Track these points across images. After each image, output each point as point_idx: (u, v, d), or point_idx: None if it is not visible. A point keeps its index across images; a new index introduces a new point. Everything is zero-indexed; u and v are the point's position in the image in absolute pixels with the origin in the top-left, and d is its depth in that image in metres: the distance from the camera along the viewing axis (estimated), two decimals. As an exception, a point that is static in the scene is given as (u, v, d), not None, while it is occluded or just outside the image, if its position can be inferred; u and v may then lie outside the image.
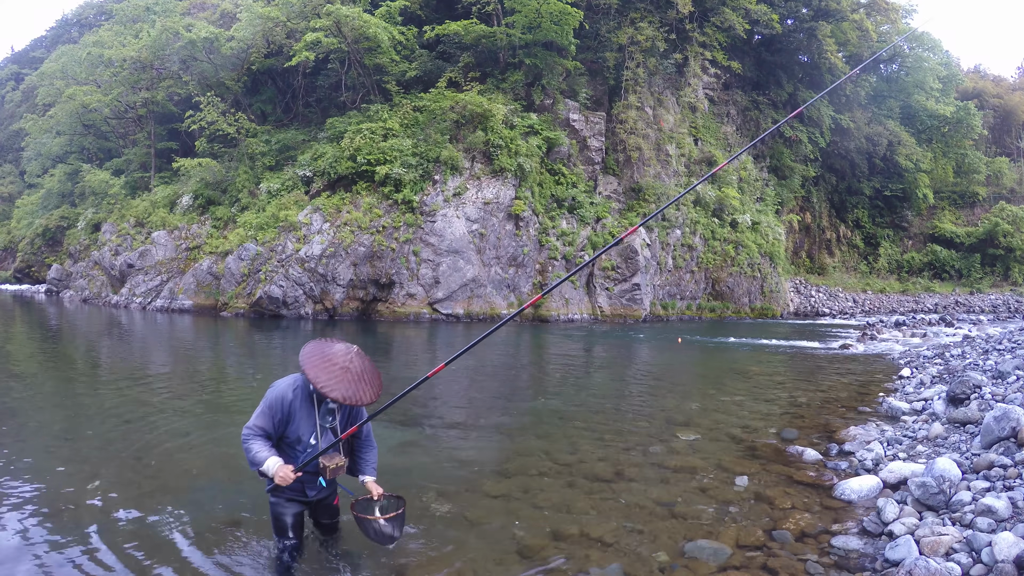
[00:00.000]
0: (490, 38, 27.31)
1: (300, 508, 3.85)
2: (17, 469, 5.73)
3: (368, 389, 3.60)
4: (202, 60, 30.30)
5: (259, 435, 3.65)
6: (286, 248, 23.75)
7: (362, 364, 3.66)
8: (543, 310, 25.63)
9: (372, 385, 3.64)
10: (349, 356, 3.64)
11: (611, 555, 4.23)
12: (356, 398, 3.51)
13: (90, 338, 17.41)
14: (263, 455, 3.56)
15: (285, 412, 3.66)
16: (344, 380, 3.53)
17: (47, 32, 67.35)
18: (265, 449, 3.60)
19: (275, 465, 3.54)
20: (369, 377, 3.65)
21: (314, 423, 3.70)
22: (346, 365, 3.59)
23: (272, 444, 3.67)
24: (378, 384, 3.68)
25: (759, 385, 11.25)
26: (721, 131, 36.00)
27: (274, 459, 3.57)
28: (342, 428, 3.79)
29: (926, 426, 7.04)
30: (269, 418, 3.66)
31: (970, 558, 3.74)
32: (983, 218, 47.07)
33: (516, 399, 10.24)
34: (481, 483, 5.65)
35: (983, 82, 56.88)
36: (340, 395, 3.46)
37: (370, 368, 3.70)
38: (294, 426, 3.68)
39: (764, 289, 33.03)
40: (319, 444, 3.70)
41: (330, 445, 3.68)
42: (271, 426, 3.66)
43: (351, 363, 3.61)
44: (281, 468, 3.53)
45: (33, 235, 39.38)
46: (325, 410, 3.73)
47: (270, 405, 3.67)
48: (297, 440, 3.70)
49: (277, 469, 3.53)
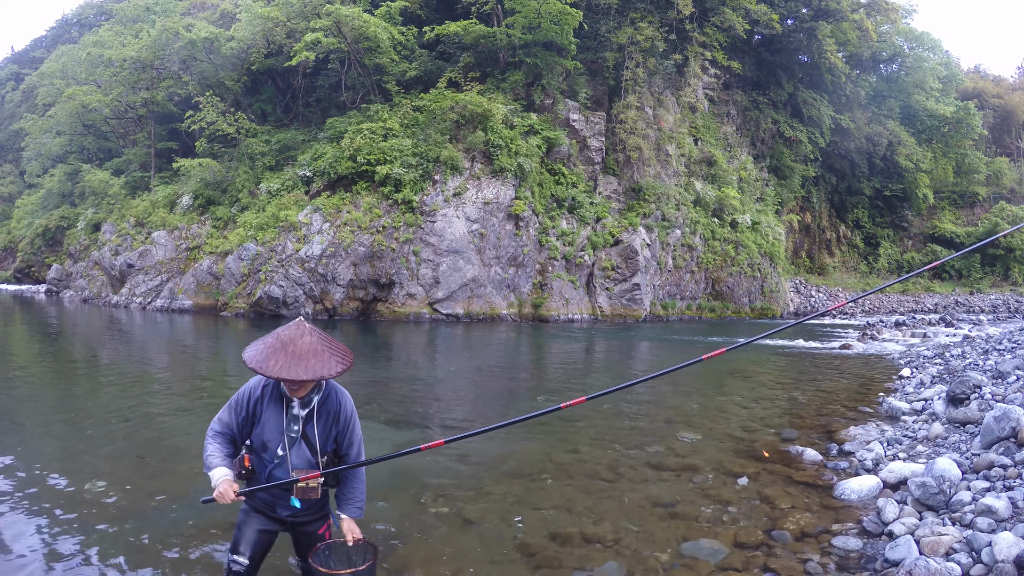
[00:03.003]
0: (490, 38, 27.31)
1: (270, 527, 3.20)
2: (17, 469, 5.73)
3: (313, 364, 2.92)
4: (202, 60, 30.31)
5: (220, 433, 3.13)
6: (286, 248, 23.76)
7: (312, 341, 3.01)
8: (543, 310, 25.64)
9: (320, 361, 2.94)
10: (294, 333, 3.03)
11: (611, 555, 4.23)
12: (288, 372, 2.86)
13: (90, 338, 17.41)
14: (213, 461, 3.02)
15: (250, 411, 3.12)
16: (279, 353, 2.93)
17: (47, 32, 67.44)
18: (218, 454, 3.06)
19: (218, 478, 2.96)
20: (318, 353, 2.98)
21: (281, 429, 3.09)
22: (288, 341, 2.98)
23: (234, 448, 3.15)
24: (332, 363, 2.98)
25: (759, 385, 11.25)
26: (721, 131, 36.00)
27: (221, 470, 2.98)
28: (325, 441, 3.15)
29: (926, 426, 7.04)
30: (233, 415, 3.14)
31: (970, 558, 3.74)
32: (983, 218, 47.08)
33: (516, 399, 10.24)
34: (481, 483, 5.65)
35: (983, 82, 56.90)
36: (268, 369, 2.87)
37: (323, 346, 3.03)
38: (260, 429, 3.11)
39: (764, 289, 33.03)
40: (289, 456, 3.08)
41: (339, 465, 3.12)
42: (235, 425, 3.14)
43: (298, 339, 2.99)
44: (224, 483, 2.93)
45: (33, 235, 39.40)
46: (291, 415, 3.10)
47: (236, 400, 3.16)
48: (263, 447, 3.12)
49: (219, 483, 2.93)
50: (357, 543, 3.17)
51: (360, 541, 3.17)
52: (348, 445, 3.24)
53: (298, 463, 3.08)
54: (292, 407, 3.11)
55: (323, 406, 3.14)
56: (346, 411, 3.21)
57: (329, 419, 3.15)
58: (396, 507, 5.04)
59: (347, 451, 3.24)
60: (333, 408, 3.16)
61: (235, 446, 3.14)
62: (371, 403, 9.14)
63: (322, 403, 3.15)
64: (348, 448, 3.24)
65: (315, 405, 3.13)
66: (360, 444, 3.30)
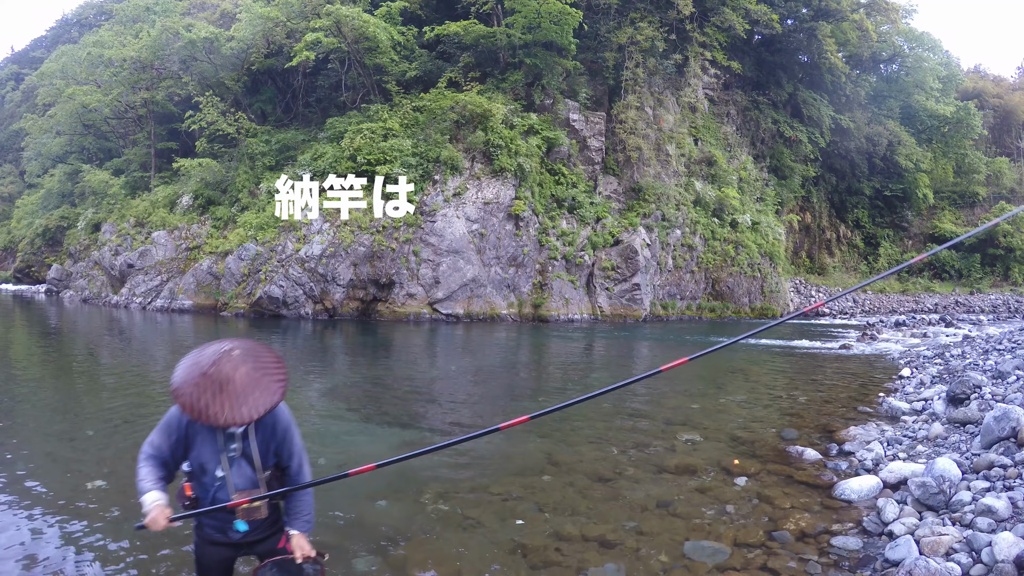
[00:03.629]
0: (490, 38, 27.31)
1: (227, 553, 3.04)
2: (17, 469, 5.73)
3: (258, 398, 2.68)
4: (202, 60, 30.31)
5: (151, 456, 2.88)
6: (286, 248, 23.76)
7: (248, 371, 2.72)
8: (543, 310, 25.64)
9: (264, 391, 2.71)
10: (226, 368, 2.70)
11: (611, 555, 4.23)
12: (237, 416, 2.63)
13: (90, 338, 17.41)
14: (145, 485, 2.78)
15: (182, 432, 2.86)
16: (219, 395, 2.66)
17: (47, 32, 67.43)
18: (150, 478, 2.81)
19: (150, 503, 2.72)
20: (259, 382, 2.73)
21: (218, 449, 2.86)
22: (225, 379, 2.67)
23: (167, 472, 2.91)
24: (275, 387, 2.75)
25: (759, 385, 11.25)
26: (721, 131, 36.00)
27: (153, 495, 2.75)
28: (265, 456, 2.92)
29: (926, 426, 7.04)
30: (165, 438, 2.88)
31: (970, 558, 3.74)
32: (983, 218, 47.08)
33: (516, 399, 10.24)
34: (481, 483, 5.65)
35: (983, 82, 56.88)
36: (214, 418, 2.63)
37: (260, 371, 2.76)
38: (196, 452, 2.87)
39: (764, 289, 33.03)
40: (229, 476, 2.88)
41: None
42: (166, 448, 2.88)
43: (233, 373, 2.69)
44: (155, 509, 2.71)
45: (33, 235, 39.41)
46: (226, 433, 2.87)
47: (167, 422, 2.89)
48: (202, 470, 2.89)
49: (151, 509, 2.71)
50: (307, 560, 2.93)
51: (310, 558, 2.94)
52: (288, 456, 3.02)
53: (240, 483, 2.88)
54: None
55: (259, 421, 2.88)
56: (282, 422, 2.97)
57: (266, 432, 2.92)
58: (396, 507, 5.04)
59: (288, 463, 3.03)
60: (269, 420, 2.92)
61: (168, 469, 2.91)
62: (371, 403, 9.14)
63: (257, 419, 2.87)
64: (289, 460, 3.02)
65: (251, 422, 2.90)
66: (301, 454, 3.06)
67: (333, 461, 6.26)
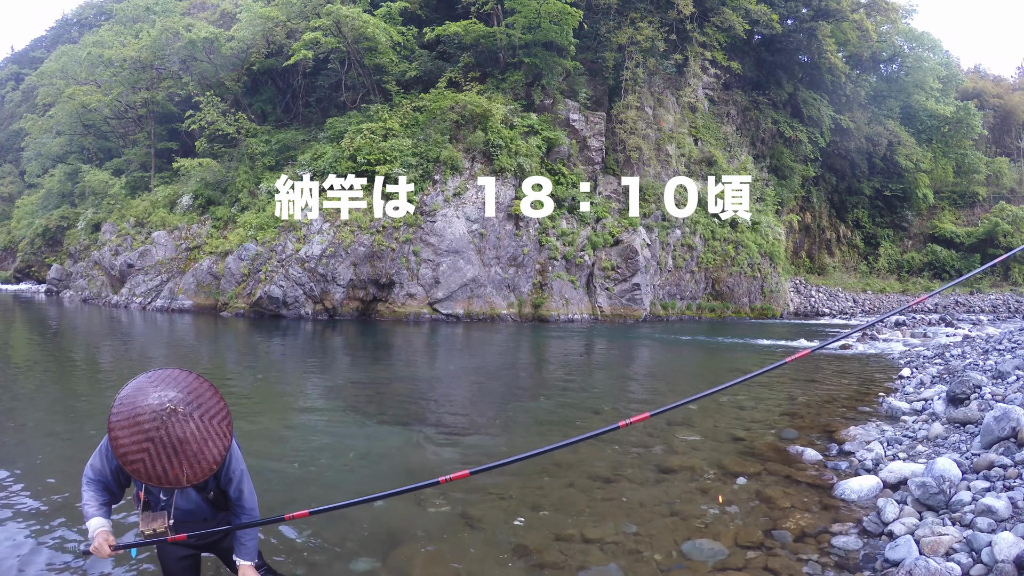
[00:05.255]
0: (490, 38, 27.31)
1: (186, 552, 3.03)
2: (17, 469, 5.73)
3: (211, 449, 2.56)
4: (202, 60, 30.31)
5: (93, 481, 2.81)
6: (286, 248, 23.76)
7: (198, 424, 2.57)
8: (543, 310, 25.64)
9: (215, 439, 2.59)
10: (173, 426, 2.52)
11: (611, 555, 4.23)
12: (198, 474, 2.53)
13: (90, 338, 17.41)
14: (88, 511, 2.74)
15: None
16: (174, 456, 2.51)
17: (47, 32, 67.48)
18: (93, 503, 2.76)
19: (93, 530, 2.68)
20: (209, 432, 2.58)
21: None
22: (178, 440, 2.52)
23: (110, 495, 2.86)
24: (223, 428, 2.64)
25: (759, 385, 11.24)
26: (721, 131, 36.00)
27: (96, 520, 2.71)
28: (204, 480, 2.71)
29: (926, 426, 7.03)
30: (106, 462, 2.79)
31: (970, 558, 3.74)
32: (983, 218, 47.07)
33: (516, 399, 10.23)
34: (481, 483, 5.64)
35: (983, 82, 56.87)
36: (177, 481, 2.52)
37: (206, 420, 2.61)
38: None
39: (764, 289, 33.03)
40: (172, 499, 2.81)
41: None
42: (108, 472, 2.79)
43: (181, 431, 2.53)
44: (99, 536, 2.66)
45: (33, 235, 39.42)
46: None
47: (106, 450, 2.78)
48: (147, 491, 2.82)
49: (95, 536, 2.67)
50: None
51: None
52: (227, 481, 2.87)
53: (183, 503, 2.84)
54: None
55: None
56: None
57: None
58: (396, 507, 5.04)
59: (226, 487, 2.89)
60: None
61: (111, 493, 2.86)
62: (371, 403, 9.14)
63: None
64: (227, 485, 2.88)
65: None
66: (242, 477, 2.93)
67: (334, 461, 6.26)
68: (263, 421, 7.71)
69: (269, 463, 5.86)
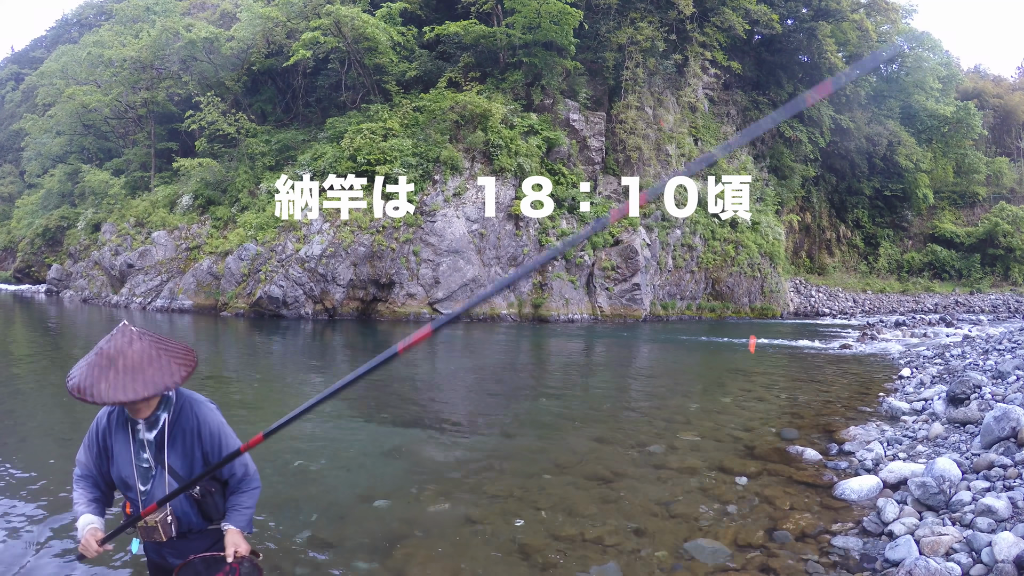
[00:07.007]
0: (490, 38, 27.30)
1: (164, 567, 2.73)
2: (17, 469, 5.73)
3: (151, 375, 2.31)
4: (202, 60, 30.31)
5: (82, 476, 2.62)
6: (286, 248, 23.76)
7: (144, 347, 2.36)
8: (543, 310, 25.64)
9: (157, 369, 2.34)
10: (120, 343, 2.36)
11: (611, 555, 4.23)
12: (124, 393, 2.26)
13: (90, 338, 17.40)
14: (78, 509, 2.54)
15: (100, 445, 2.57)
16: (107, 371, 2.30)
17: (47, 32, 67.43)
18: (82, 500, 2.56)
19: (82, 528, 2.48)
20: (154, 360, 2.35)
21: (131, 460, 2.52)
22: (115, 354, 2.33)
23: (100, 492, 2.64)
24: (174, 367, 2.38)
25: (759, 385, 11.24)
26: (721, 131, 35.98)
27: (86, 518, 2.50)
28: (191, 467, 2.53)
29: (926, 426, 7.04)
30: (88, 454, 2.61)
31: (970, 558, 3.74)
32: (983, 218, 47.10)
33: (516, 399, 10.23)
34: (481, 483, 5.65)
35: (983, 82, 56.87)
36: (100, 395, 2.25)
37: (158, 350, 2.39)
38: (116, 465, 2.54)
39: (764, 289, 33.03)
40: (151, 490, 2.51)
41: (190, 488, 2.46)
42: (92, 464, 2.60)
43: (126, 349, 2.34)
44: (88, 533, 2.45)
45: (33, 235, 39.41)
46: (137, 441, 2.51)
47: (88, 435, 2.61)
48: (124, 485, 2.55)
49: (84, 533, 2.46)
50: (241, 560, 2.52)
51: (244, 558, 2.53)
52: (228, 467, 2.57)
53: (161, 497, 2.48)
54: (138, 431, 2.50)
55: (176, 424, 2.51)
56: (209, 426, 2.54)
57: (188, 439, 2.51)
58: (396, 507, 5.04)
59: (229, 476, 2.62)
60: (190, 426, 2.52)
61: (101, 489, 2.63)
62: (371, 403, 9.13)
63: (174, 421, 2.52)
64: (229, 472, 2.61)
65: (164, 425, 2.50)
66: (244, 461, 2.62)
67: (333, 461, 6.26)
68: (263, 421, 7.72)
69: (269, 463, 5.86)
